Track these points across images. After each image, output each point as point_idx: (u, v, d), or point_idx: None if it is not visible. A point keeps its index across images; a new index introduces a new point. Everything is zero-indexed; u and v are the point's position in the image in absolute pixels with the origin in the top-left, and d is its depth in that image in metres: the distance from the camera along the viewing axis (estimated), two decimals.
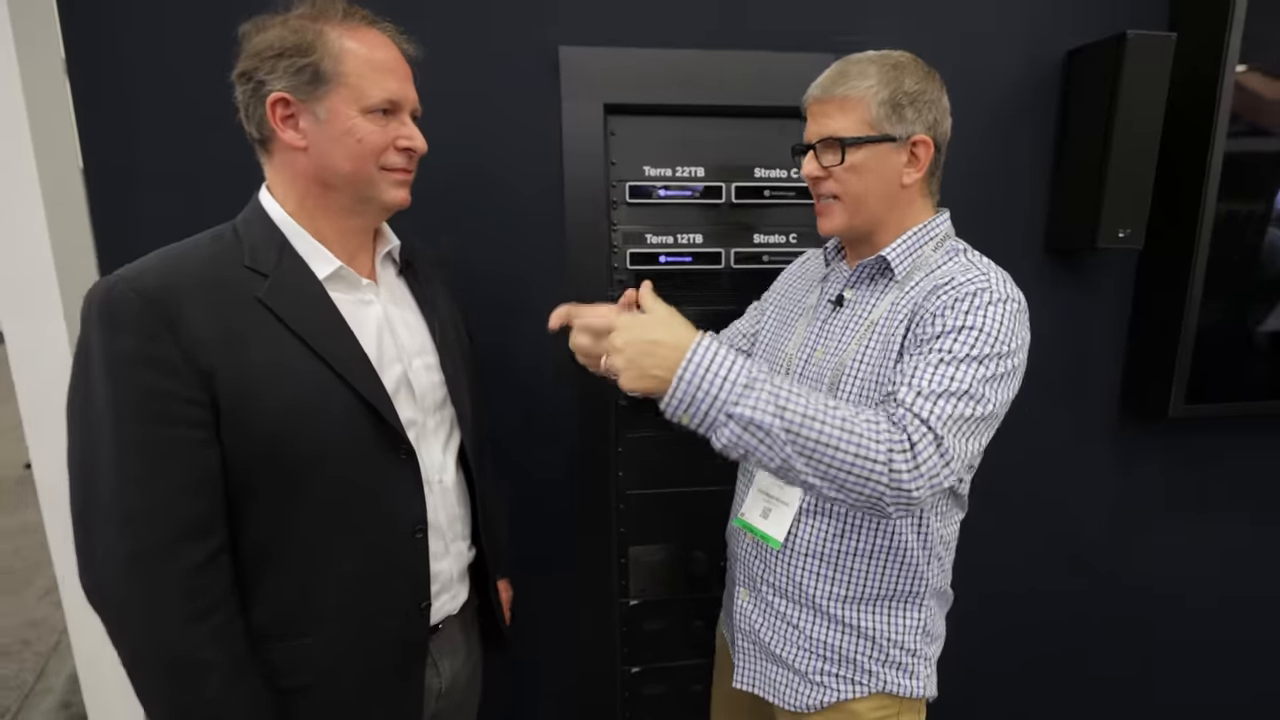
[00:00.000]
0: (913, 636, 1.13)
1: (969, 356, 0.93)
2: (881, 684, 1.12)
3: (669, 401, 0.86)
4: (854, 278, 1.14)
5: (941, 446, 0.87)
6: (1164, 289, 1.67)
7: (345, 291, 1.00)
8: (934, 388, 0.90)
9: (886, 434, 0.86)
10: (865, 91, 1.02)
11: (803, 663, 1.14)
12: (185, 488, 0.86)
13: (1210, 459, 1.84)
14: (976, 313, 0.95)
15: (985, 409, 0.92)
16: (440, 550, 1.08)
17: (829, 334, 1.13)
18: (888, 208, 1.07)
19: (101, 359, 0.84)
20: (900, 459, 0.85)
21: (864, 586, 1.11)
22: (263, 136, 0.95)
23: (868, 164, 1.04)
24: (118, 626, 0.87)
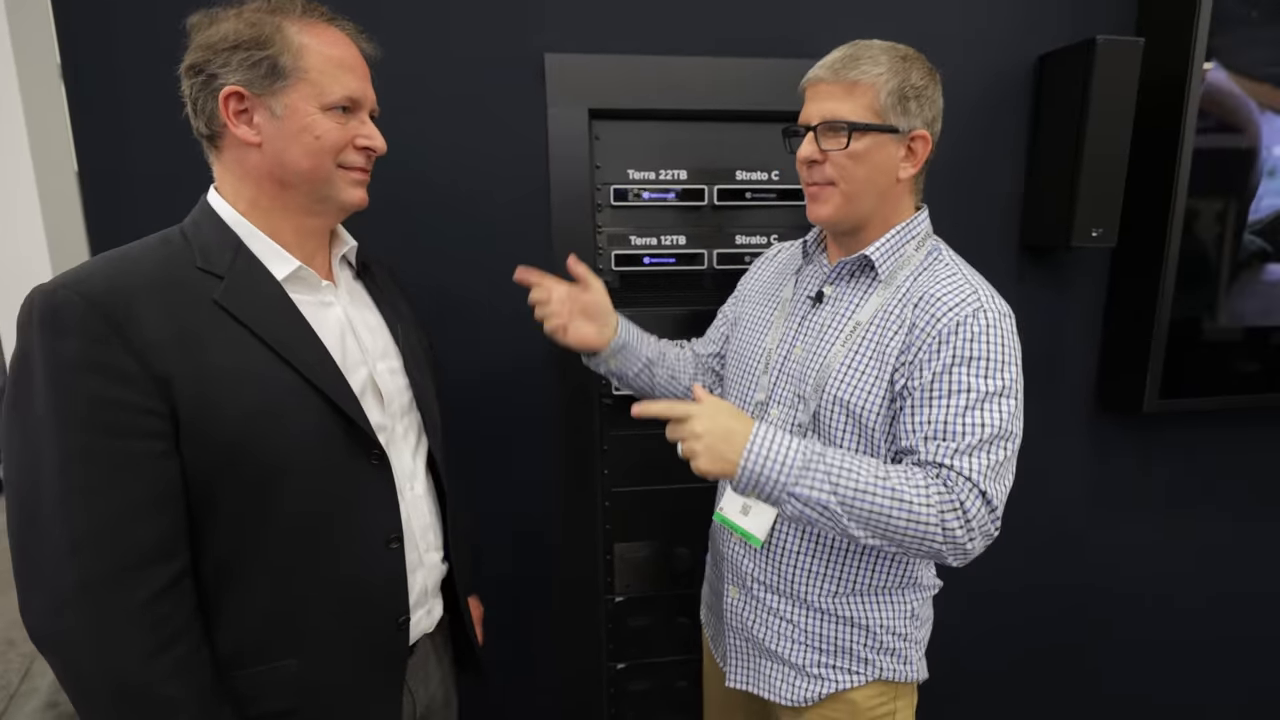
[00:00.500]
0: (904, 622, 1.15)
1: (990, 394, 0.97)
2: (878, 671, 1.14)
3: (736, 484, 0.98)
4: (834, 274, 1.14)
5: (989, 500, 0.95)
6: (1137, 284, 1.71)
7: (305, 293, 0.96)
8: (970, 440, 0.95)
9: (937, 498, 0.93)
10: (876, 78, 1.01)
11: (799, 656, 1.16)
12: (142, 506, 0.80)
13: (1185, 453, 1.87)
14: (980, 340, 0.98)
15: (1016, 443, 0.99)
16: (415, 561, 1.04)
17: (808, 331, 1.14)
18: (880, 200, 1.07)
19: (43, 367, 0.77)
20: (952, 518, 0.93)
21: (854, 580, 1.13)
22: (212, 132, 0.91)
23: (870, 153, 1.03)
24: (68, 666, 0.79)
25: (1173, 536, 1.93)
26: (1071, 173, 1.56)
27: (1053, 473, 1.83)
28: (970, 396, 0.96)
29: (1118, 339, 1.76)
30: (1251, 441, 1.90)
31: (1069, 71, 1.56)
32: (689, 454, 0.98)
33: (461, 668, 1.25)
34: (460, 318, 1.52)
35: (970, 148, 1.65)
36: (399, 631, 1.00)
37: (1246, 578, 2.00)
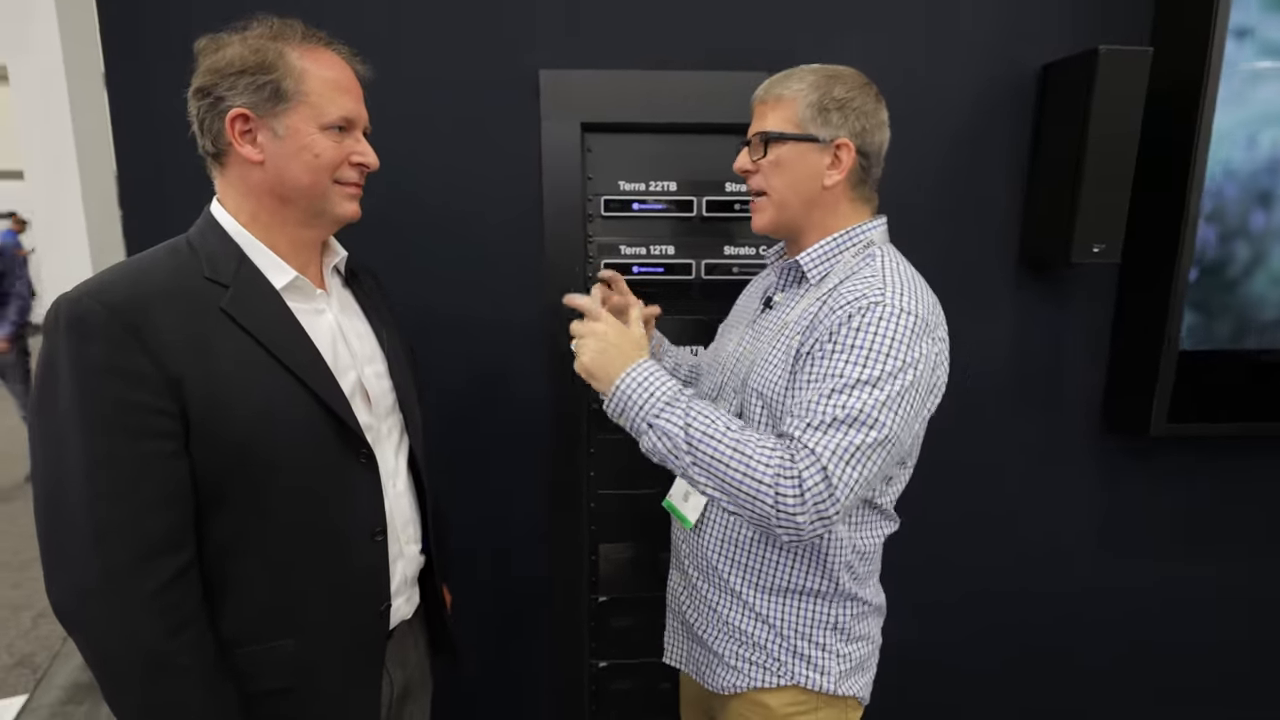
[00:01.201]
0: (821, 630, 1.15)
1: (860, 380, 0.95)
2: (790, 676, 1.15)
3: (607, 403, 1.05)
4: (780, 281, 1.20)
5: (829, 479, 0.92)
6: (1146, 302, 1.66)
7: (300, 301, 1.01)
8: (824, 418, 0.94)
9: (778, 461, 0.94)
10: (796, 93, 1.09)
11: (720, 645, 1.19)
12: (156, 501, 0.86)
13: (1194, 479, 1.80)
14: (867, 330, 0.97)
15: (879, 433, 0.94)
16: (396, 553, 1.10)
17: (757, 335, 1.19)
18: (809, 207, 1.12)
19: (70, 371, 0.83)
20: (787, 486, 0.92)
21: (773, 576, 1.14)
22: (218, 150, 0.97)
23: (790, 161, 1.09)
24: (90, 644, 0.86)
25: (1179, 565, 1.86)
26: (1072, 187, 1.53)
27: (1054, 494, 1.79)
28: (838, 381, 0.96)
29: (1125, 358, 1.71)
30: (1265, 469, 1.82)
31: (1071, 82, 1.53)
32: (578, 349, 1.08)
33: (437, 651, 1.31)
34: (452, 324, 1.58)
35: (970, 159, 1.63)
36: (380, 618, 1.07)
37: (1257, 612, 1.90)
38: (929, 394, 1.04)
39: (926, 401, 1.03)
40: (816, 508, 0.92)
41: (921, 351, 0.98)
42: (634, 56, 1.53)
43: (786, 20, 1.55)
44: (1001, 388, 1.72)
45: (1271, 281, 1.65)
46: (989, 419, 1.73)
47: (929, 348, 1.00)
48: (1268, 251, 1.64)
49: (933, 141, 1.61)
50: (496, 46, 1.51)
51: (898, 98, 1.56)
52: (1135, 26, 1.61)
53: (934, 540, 1.76)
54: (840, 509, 0.93)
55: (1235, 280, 1.65)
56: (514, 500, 1.68)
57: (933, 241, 1.63)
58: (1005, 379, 1.72)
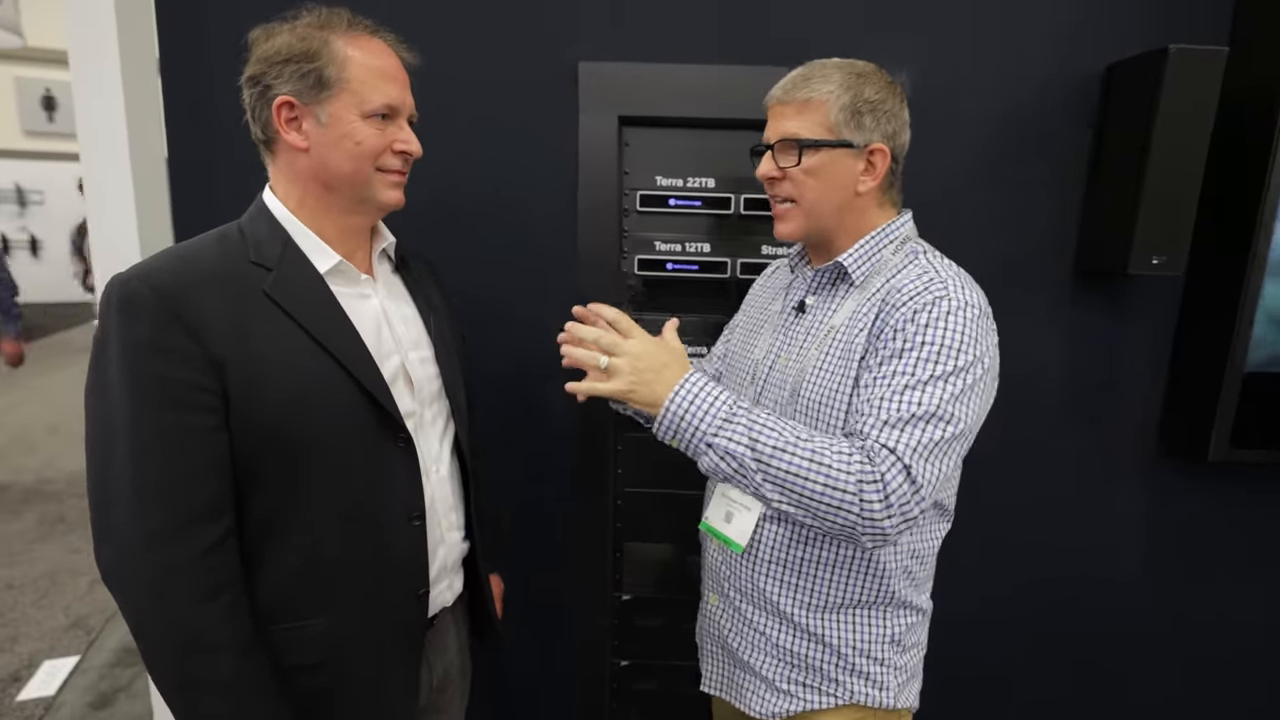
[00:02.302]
0: (880, 646, 1.11)
1: (934, 376, 0.92)
2: (849, 694, 1.11)
3: (658, 427, 0.97)
4: (814, 284, 1.15)
5: (911, 476, 0.89)
6: (1211, 318, 1.56)
7: (345, 285, 1.03)
8: (900, 414, 0.91)
9: (858, 465, 0.89)
10: (827, 96, 1.03)
11: (770, 670, 1.15)
12: (198, 472, 0.89)
13: (1253, 507, 1.69)
14: (935, 325, 0.95)
15: (956, 428, 0.92)
16: (436, 539, 1.10)
17: (791, 341, 1.15)
18: (842, 214, 1.08)
19: (119, 349, 0.87)
20: (871, 491, 0.88)
21: (827, 594, 1.10)
22: (267, 138, 0.99)
23: (824, 168, 1.04)
24: (132, 605, 0.89)
25: (1233, 597, 1.75)
26: (1133, 195, 1.45)
27: (1105, 515, 1.70)
28: (911, 378, 0.93)
29: (1184, 378, 1.61)
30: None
31: (1138, 83, 1.45)
32: (611, 369, 0.96)
33: (480, 637, 1.31)
34: (483, 316, 1.57)
35: (1025, 163, 1.56)
36: (419, 603, 1.08)
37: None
38: (994, 384, 1.01)
39: (992, 391, 1.01)
40: (902, 509, 0.89)
41: (987, 343, 0.97)
42: (674, 50, 1.50)
43: (834, 15, 1.50)
44: (1052, 403, 1.64)
45: None
46: (1038, 436, 1.65)
47: (991, 339, 0.99)
48: None
49: (986, 144, 1.54)
50: (537, 38, 1.50)
51: (949, 97, 1.50)
52: (1210, 25, 1.51)
53: (980, 559, 1.69)
54: (925, 506, 0.91)
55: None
56: (539, 496, 1.67)
57: (984, 248, 1.56)
58: (1056, 394, 1.64)
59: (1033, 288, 1.60)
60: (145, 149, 1.54)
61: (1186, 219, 1.45)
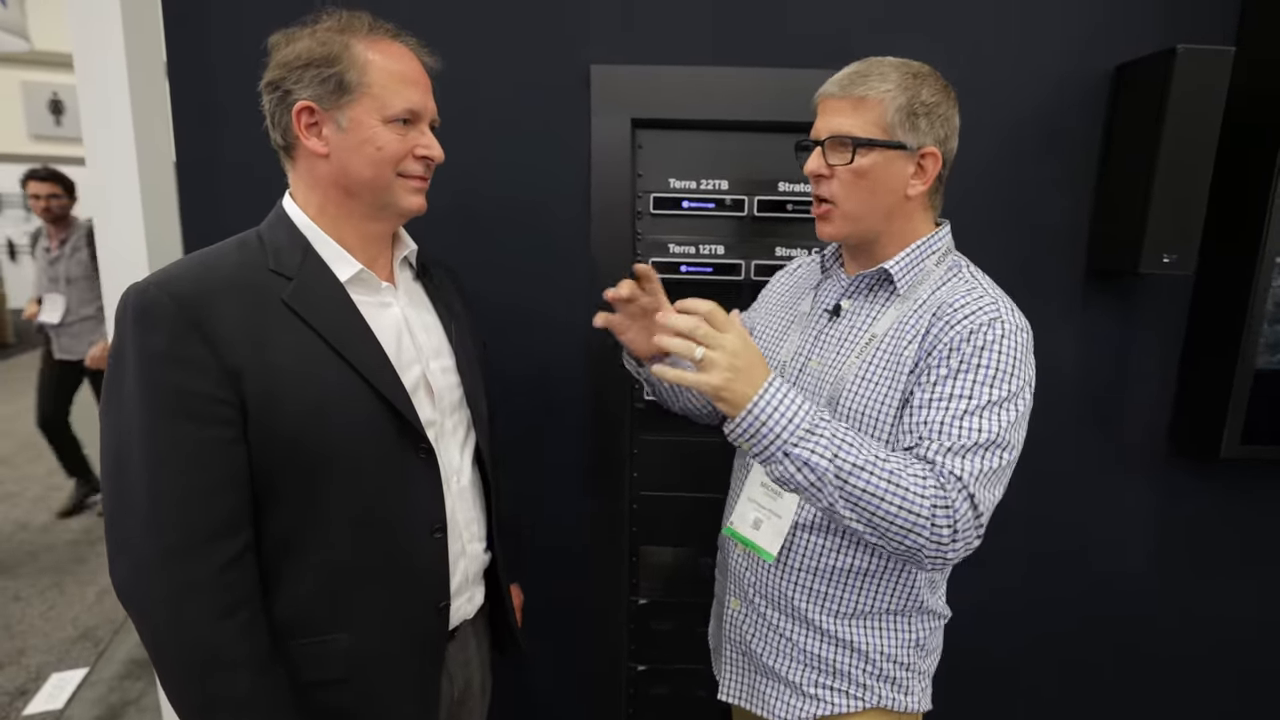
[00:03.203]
0: (906, 651, 1.12)
1: (991, 402, 0.94)
2: (876, 699, 1.12)
3: (735, 428, 0.91)
4: (852, 287, 1.13)
5: (976, 507, 0.91)
6: (1221, 315, 1.57)
7: (366, 294, 1.02)
8: (964, 441, 0.93)
9: (933, 490, 0.90)
10: (884, 94, 1.01)
11: (795, 674, 1.14)
12: (216, 485, 0.87)
13: (1266, 504, 1.70)
14: (992, 348, 0.96)
15: (1012, 455, 0.96)
16: (457, 551, 1.09)
17: (825, 344, 1.13)
18: (889, 217, 1.06)
19: (135, 359, 0.86)
20: (943, 517, 0.90)
21: (857, 602, 1.10)
22: (287, 143, 0.98)
23: (875, 169, 1.02)
24: (148, 621, 0.88)
25: (1245, 593, 1.75)
26: (1143, 194, 1.46)
27: (1116, 514, 1.71)
28: (971, 402, 0.94)
29: (1196, 375, 1.62)
30: None
31: (1147, 82, 1.46)
32: (707, 362, 0.89)
33: (501, 651, 1.30)
34: (495, 319, 1.57)
35: (1036, 162, 1.57)
36: (439, 616, 1.06)
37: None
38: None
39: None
40: (965, 535, 0.91)
41: (1033, 367, 1.00)
42: (686, 52, 1.51)
43: (845, 16, 1.51)
44: (1064, 402, 1.65)
45: None
46: (1050, 434, 1.65)
47: (1033, 361, 1.01)
48: None
49: (997, 143, 1.55)
50: (550, 42, 1.51)
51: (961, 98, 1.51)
52: (1219, 25, 1.53)
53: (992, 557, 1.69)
54: (983, 532, 0.93)
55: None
56: (555, 499, 1.67)
57: (995, 247, 1.56)
58: (1068, 392, 1.64)
59: (1044, 287, 1.61)
60: (152, 152, 1.54)
61: (1196, 218, 1.46)
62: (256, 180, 1.49)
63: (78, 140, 7.55)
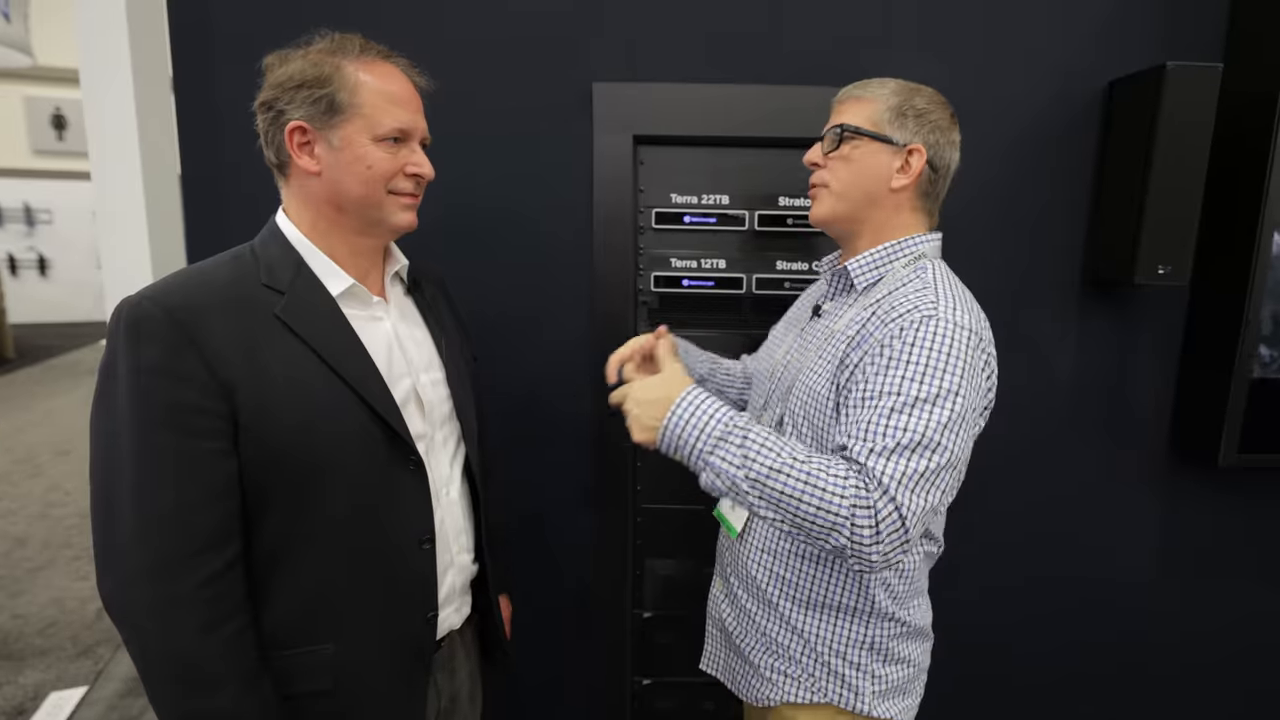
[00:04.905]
0: (855, 649, 1.12)
1: (919, 399, 0.92)
2: (823, 693, 1.13)
3: (660, 444, 0.99)
4: (830, 289, 1.19)
5: (901, 511, 0.89)
6: (1216, 325, 1.59)
7: (357, 308, 1.03)
8: (889, 442, 0.91)
9: (853, 490, 0.89)
10: (878, 94, 1.10)
11: (756, 656, 1.18)
12: (205, 498, 0.88)
13: (1265, 511, 1.71)
14: (922, 345, 0.95)
15: (943, 458, 0.91)
16: (446, 562, 1.10)
17: (804, 343, 1.18)
18: (872, 204, 1.11)
19: (126, 371, 0.86)
20: (862, 518, 0.88)
21: (810, 590, 1.13)
22: (280, 162, 1.00)
23: (861, 157, 1.10)
24: (135, 634, 0.88)
25: (1245, 599, 1.76)
26: (1137, 206, 1.48)
27: (1117, 522, 1.72)
28: (898, 399, 0.93)
29: (1193, 384, 1.64)
30: None
31: (1138, 98, 1.49)
32: (629, 417, 1.02)
33: (490, 662, 1.30)
34: (503, 334, 1.60)
35: (1033, 177, 1.59)
36: (427, 626, 1.07)
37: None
38: (981, 414, 1.02)
39: (978, 421, 1.02)
40: (889, 538, 0.89)
41: (976, 369, 0.96)
42: (687, 70, 1.54)
43: (843, 35, 1.54)
44: (1063, 411, 1.67)
45: None
46: (1050, 443, 1.67)
47: (981, 364, 0.98)
48: None
49: (995, 158, 1.58)
50: (554, 60, 1.53)
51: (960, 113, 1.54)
52: (1208, 41, 1.56)
53: (992, 564, 1.71)
54: (911, 538, 0.90)
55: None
56: (558, 512, 1.68)
57: (994, 260, 1.60)
58: (1066, 402, 1.66)
59: (1043, 299, 1.63)
60: (157, 167, 1.55)
61: (1190, 229, 1.48)
62: (261, 195, 1.49)
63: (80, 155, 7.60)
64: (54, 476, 4.11)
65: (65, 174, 10.21)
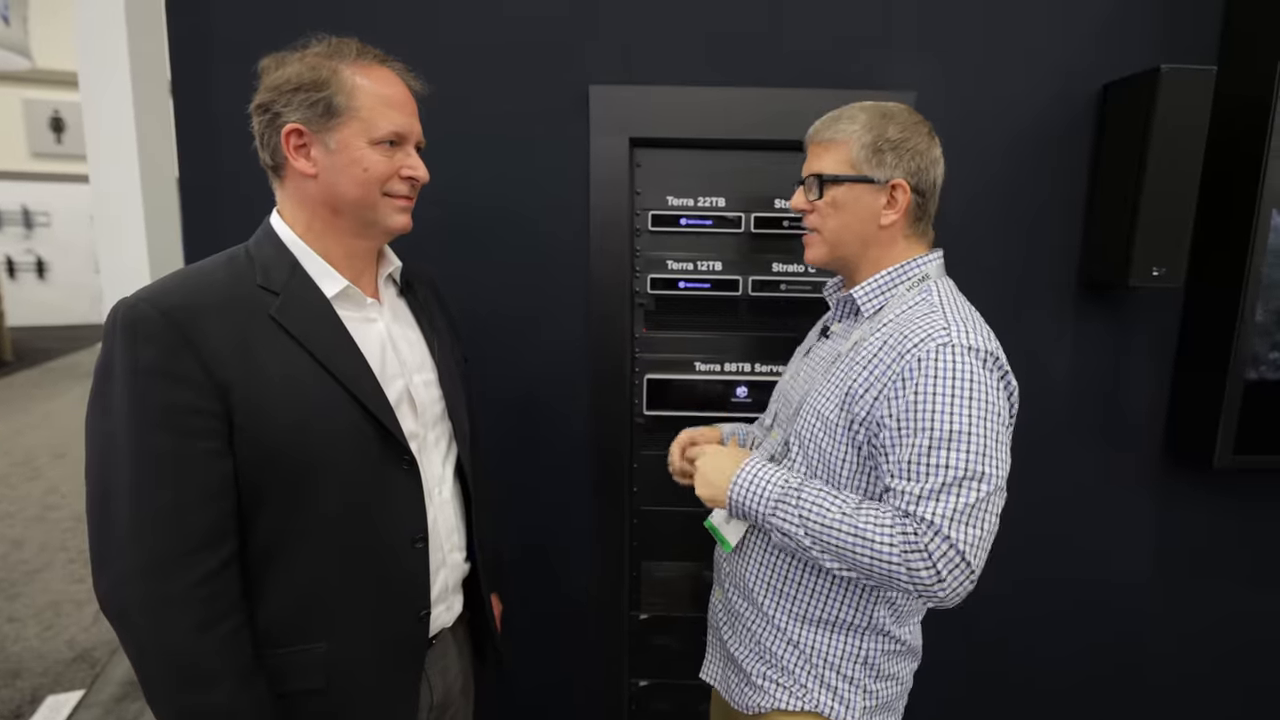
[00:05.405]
0: (849, 663, 1.14)
1: (954, 433, 0.94)
2: (814, 702, 1.14)
3: (730, 511, 1.12)
4: (837, 313, 1.21)
5: (958, 547, 0.92)
6: (1211, 326, 1.60)
7: (351, 309, 1.04)
8: (932, 484, 0.94)
9: (900, 540, 0.94)
10: (850, 135, 1.09)
11: (748, 664, 1.19)
12: (200, 497, 0.88)
13: (1260, 512, 1.72)
14: (944, 377, 0.96)
15: (988, 485, 0.94)
16: (438, 561, 1.11)
17: (812, 364, 1.21)
18: (864, 245, 1.12)
19: (123, 372, 0.87)
20: (916, 560, 0.93)
21: (808, 605, 1.14)
22: (276, 164, 1.00)
23: (846, 201, 1.10)
24: (130, 634, 0.89)
25: (1240, 600, 1.77)
26: (1131, 208, 1.49)
27: (1112, 524, 1.72)
28: (932, 436, 0.95)
29: (1188, 385, 1.64)
30: None
31: (1133, 101, 1.49)
32: (697, 485, 1.16)
33: (482, 660, 1.31)
34: (501, 336, 1.60)
35: (1028, 179, 1.60)
36: (419, 623, 1.08)
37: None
38: (1008, 428, 1.03)
39: (1007, 436, 1.02)
40: (954, 575, 0.93)
41: (997, 389, 0.99)
42: (684, 72, 1.54)
43: (842, 39, 1.54)
44: (1059, 413, 1.67)
45: None
46: (1045, 445, 1.67)
47: (1000, 383, 1.00)
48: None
49: (990, 161, 1.59)
50: (551, 63, 1.54)
51: (954, 116, 1.55)
52: (1201, 44, 1.57)
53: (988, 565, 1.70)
54: (977, 568, 0.94)
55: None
56: (555, 514, 1.68)
57: (990, 263, 1.60)
58: (1062, 404, 1.67)
59: (1038, 301, 1.63)
60: (155, 170, 1.55)
61: (1184, 231, 1.49)
62: (258, 198, 1.49)
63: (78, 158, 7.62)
64: (52, 479, 4.11)
65: (64, 177, 10.21)
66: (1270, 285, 1.54)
